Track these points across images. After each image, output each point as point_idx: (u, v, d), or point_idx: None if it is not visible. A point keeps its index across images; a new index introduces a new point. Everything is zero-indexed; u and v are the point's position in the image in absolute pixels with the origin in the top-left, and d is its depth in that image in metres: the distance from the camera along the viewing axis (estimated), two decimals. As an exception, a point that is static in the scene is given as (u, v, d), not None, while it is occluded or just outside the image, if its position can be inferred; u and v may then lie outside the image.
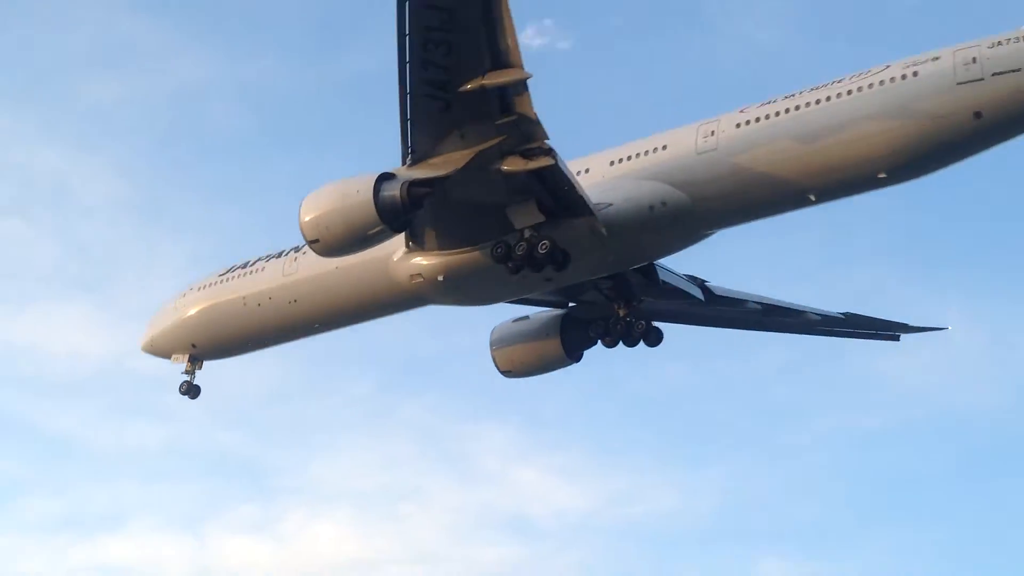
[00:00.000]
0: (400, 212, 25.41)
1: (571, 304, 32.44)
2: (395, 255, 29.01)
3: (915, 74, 24.68)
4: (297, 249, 31.90)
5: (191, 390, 34.22)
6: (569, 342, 32.00)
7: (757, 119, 26.36)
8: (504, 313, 33.53)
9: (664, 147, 27.41)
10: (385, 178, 25.62)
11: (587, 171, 28.31)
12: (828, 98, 25.59)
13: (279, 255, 32.80)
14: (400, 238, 28.08)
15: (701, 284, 31.92)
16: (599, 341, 31.28)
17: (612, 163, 28.15)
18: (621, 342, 31.14)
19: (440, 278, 28.63)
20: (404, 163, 26.18)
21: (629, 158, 27.88)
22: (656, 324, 31.26)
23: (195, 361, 34.11)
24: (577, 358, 32.38)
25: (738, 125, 26.59)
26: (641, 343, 31.14)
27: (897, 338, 36.34)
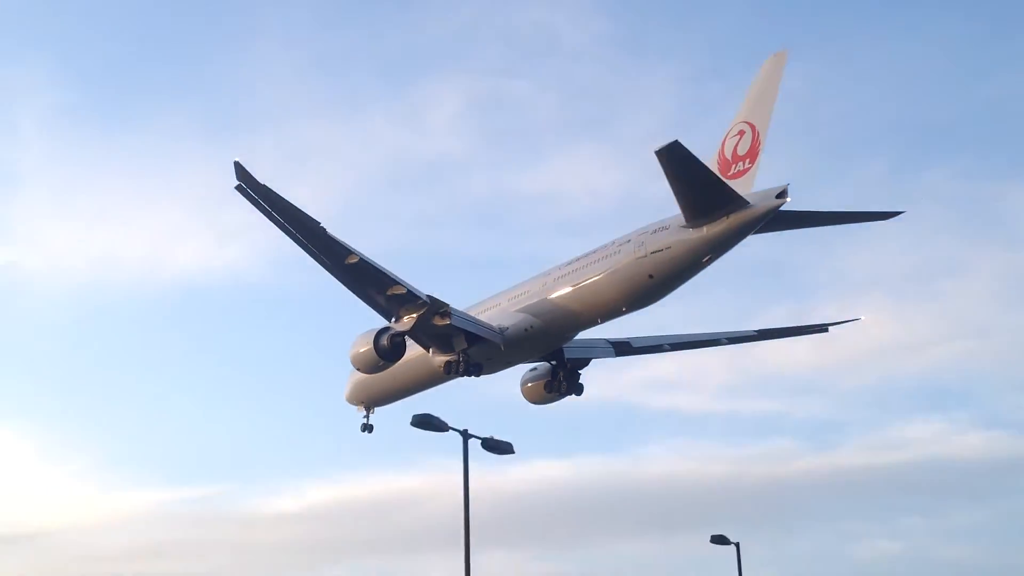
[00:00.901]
0: (389, 353, 45.34)
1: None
2: (430, 355, 48.80)
3: (619, 251, 39.81)
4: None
5: (366, 428, 55.37)
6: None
7: (564, 274, 42.70)
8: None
9: (528, 291, 44.55)
10: (382, 332, 45.52)
11: (498, 305, 46.10)
12: (590, 262, 41.30)
13: None
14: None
15: (621, 343, 47.96)
16: (554, 391, 48.70)
17: (510, 299, 45.65)
18: (565, 394, 48.47)
19: (465, 355, 47.76)
20: (390, 321, 46.02)
21: (516, 297, 45.20)
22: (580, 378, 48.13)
23: (368, 408, 56.21)
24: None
25: (556, 278, 43.07)
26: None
27: (826, 329, 48.95)
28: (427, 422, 36.46)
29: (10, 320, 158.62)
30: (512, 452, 38.03)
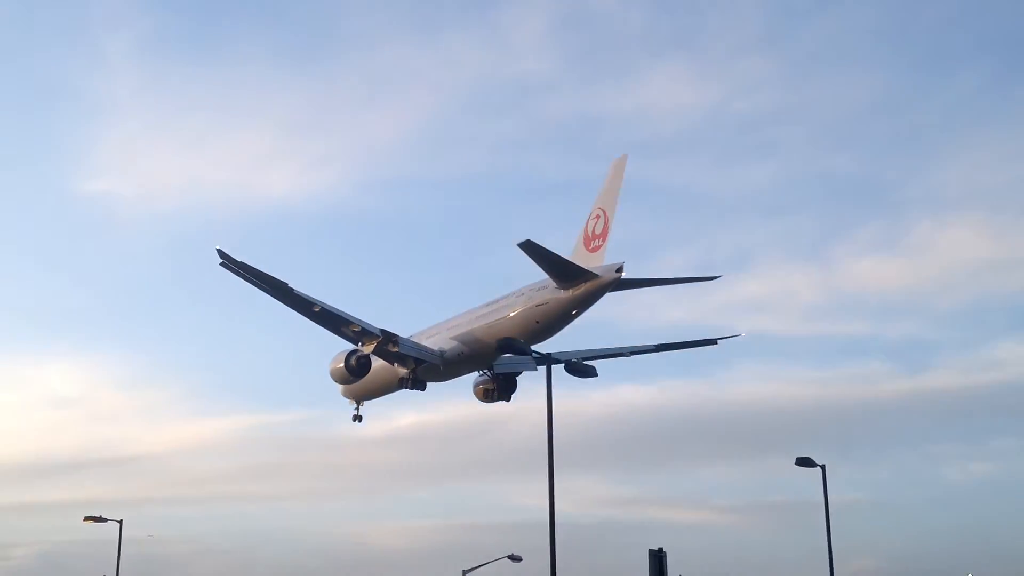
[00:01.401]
0: (354, 372, 57.80)
1: None
2: (396, 367, 61.18)
3: (515, 302, 51.38)
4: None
5: (357, 419, 68.39)
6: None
7: (482, 314, 54.40)
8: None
9: (459, 324, 56.44)
10: (351, 354, 57.89)
11: (440, 333, 58.04)
12: (497, 308, 52.92)
13: None
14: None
15: (543, 357, 59.51)
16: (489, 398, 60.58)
17: (448, 329, 57.59)
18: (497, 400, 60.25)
19: (414, 373, 60.41)
20: (357, 346, 58.31)
21: (452, 328, 57.09)
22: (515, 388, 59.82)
23: (358, 402, 68.92)
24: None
25: (477, 316, 54.82)
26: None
27: (715, 343, 60.01)
28: (511, 346, 37.62)
29: (105, 248, 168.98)
30: (595, 375, 38.41)
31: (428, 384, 59.00)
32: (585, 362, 37.90)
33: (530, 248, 44.58)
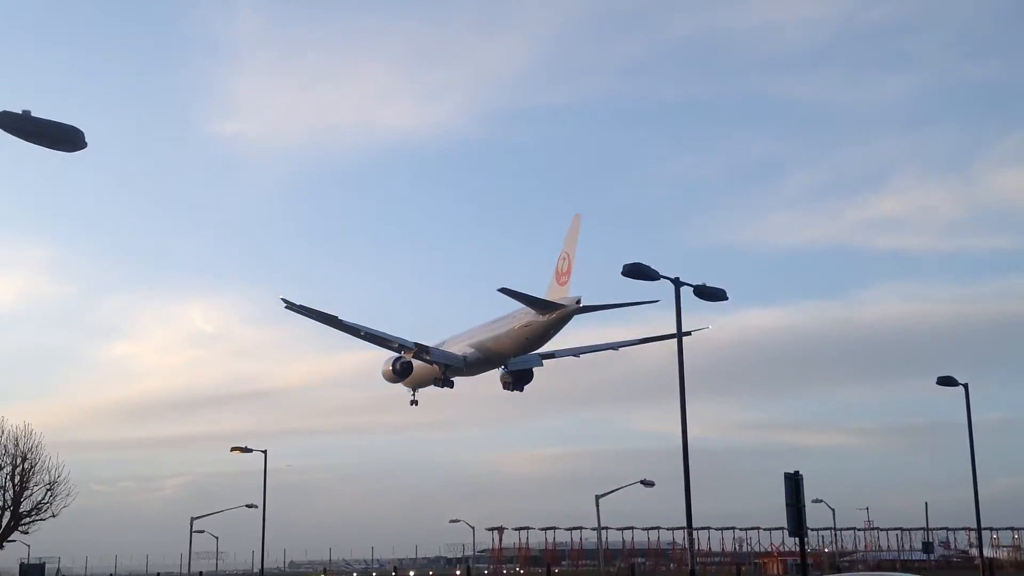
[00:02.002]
0: (399, 374, 73.59)
1: None
2: (434, 366, 76.69)
3: (509, 323, 66.01)
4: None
5: (414, 403, 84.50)
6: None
7: (489, 330, 69.16)
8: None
9: (475, 335, 71.40)
10: (396, 360, 73.66)
11: (463, 341, 73.05)
12: (499, 327, 67.66)
13: None
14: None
15: (547, 354, 74.25)
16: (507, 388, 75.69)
17: (468, 337, 72.53)
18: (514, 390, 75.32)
19: (444, 374, 76.03)
20: (400, 353, 73.94)
21: (470, 337, 72.03)
22: (520, 378, 74.81)
23: (413, 390, 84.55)
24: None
25: (487, 330, 69.62)
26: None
27: (689, 334, 73.79)
28: (638, 271, 36.01)
29: (237, 188, 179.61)
30: (725, 299, 37.44)
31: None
32: (713, 287, 37.45)
33: (507, 292, 59.26)
